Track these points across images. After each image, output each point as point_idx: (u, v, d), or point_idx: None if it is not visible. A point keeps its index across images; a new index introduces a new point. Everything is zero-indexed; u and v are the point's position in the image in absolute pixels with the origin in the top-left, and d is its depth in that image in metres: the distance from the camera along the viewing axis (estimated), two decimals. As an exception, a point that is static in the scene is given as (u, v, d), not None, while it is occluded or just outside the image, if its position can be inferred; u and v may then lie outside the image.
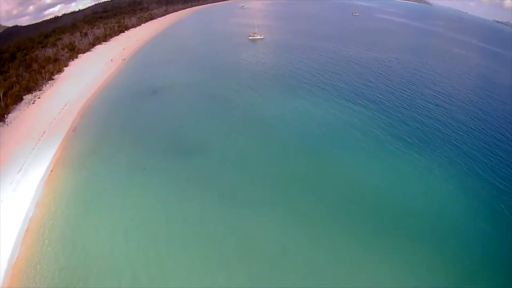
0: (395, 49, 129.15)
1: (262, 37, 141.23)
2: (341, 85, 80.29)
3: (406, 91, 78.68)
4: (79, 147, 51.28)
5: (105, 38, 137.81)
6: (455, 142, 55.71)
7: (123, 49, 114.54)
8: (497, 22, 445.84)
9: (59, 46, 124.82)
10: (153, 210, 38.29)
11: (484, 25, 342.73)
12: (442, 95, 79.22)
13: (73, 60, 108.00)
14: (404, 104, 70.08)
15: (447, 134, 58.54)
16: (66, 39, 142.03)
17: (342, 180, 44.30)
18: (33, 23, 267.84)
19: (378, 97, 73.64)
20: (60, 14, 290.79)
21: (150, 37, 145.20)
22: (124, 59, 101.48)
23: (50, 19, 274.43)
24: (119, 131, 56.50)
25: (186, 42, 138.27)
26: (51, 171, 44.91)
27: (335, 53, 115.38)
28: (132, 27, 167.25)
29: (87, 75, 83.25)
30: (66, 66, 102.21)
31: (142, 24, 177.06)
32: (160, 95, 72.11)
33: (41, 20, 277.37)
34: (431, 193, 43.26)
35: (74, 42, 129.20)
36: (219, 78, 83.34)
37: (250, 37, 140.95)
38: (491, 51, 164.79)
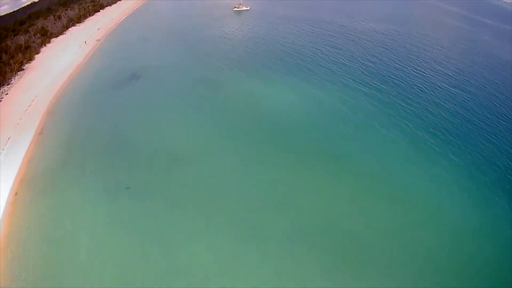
0: (394, 20, 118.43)
1: (248, 8, 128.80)
2: (343, 62, 72.18)
3: (418, 68, 71.29)
4: (47, 158, 43.23)
5: (79, 19, 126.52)
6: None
7: (98, 29, 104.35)
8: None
9: (32, 32, 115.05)
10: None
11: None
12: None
13: (45, 45, 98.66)
14: (422, 86, 62.84)
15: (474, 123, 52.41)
16: (39, 23, 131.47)
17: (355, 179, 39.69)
18: (11, 11, 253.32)
19: (387, 76, 66.03)
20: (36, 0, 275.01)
21: (127, 14, 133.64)
22: (99, 40, 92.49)
23: (27, 5, 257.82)
24: (93, 133, 48.12)
25: (166, 16, 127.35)
26: (16, 193, 37.09)
27: (330, 25, 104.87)
28: (107, 6, 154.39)
29: (59, 61, 75.17)
30: (38, 53, 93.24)
31: (118, 2, 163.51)
32: (138, 81, 63.37)
33: (18, 8, 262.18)
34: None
35: (46, 26, 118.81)
36: (202, 58, 74.88)
37: (235, 9, 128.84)
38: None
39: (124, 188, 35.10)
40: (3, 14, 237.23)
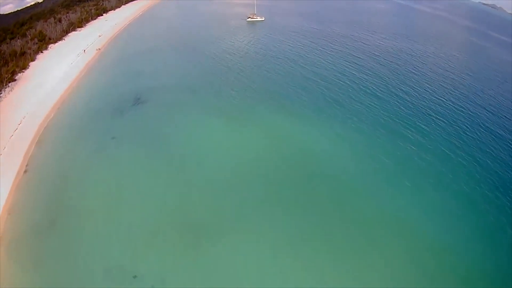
0: (414, 36, 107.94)
1: (263, 18, 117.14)
2: (375, 92, 59.69)
3: (461, 102, 60.47)
4: (32, 210, 32.57)
5: (80, 23, 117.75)
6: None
7: (99, 36, 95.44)
8: (484, 4, 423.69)
9: (29, 36, 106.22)
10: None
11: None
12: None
13: (41, 52, 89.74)
14: (471, 128, 51.16)
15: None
16: (39, 26, 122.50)
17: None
18: (15, 10, 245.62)
19: (428, 112, 53.42)
20: (41, 0, 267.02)
21: (131, 20, 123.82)
22: (99, 49, 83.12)
23: (31, 5, 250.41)
24: (89, 178, 36.57)
25: (173, 25, 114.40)
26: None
27: (350, 41, 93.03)
28: (111, 10, 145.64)
29: (54, 73, 65.79)
30: (33, 60, 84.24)
31: (123, 6, 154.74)
32: (142, 107, 51.54)
33: (22, 7, 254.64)
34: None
35: (45, 30, 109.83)
36: (213, 80, 62.14)
37: (249, 19, 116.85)
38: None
39: (131, 276, 25.95)
40: (7, 13, 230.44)
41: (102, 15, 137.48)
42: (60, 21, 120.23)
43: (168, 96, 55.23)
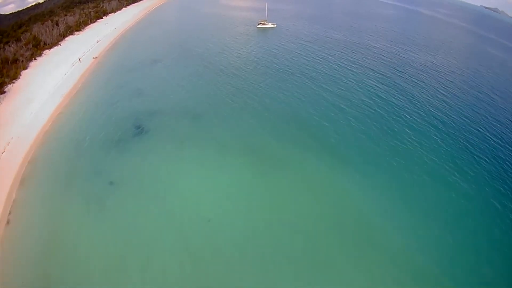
0: (436, 48, 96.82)
1: (275, 25, 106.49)
2: (409, 118, 50.52)
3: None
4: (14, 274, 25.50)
5: (78, 27, 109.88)
6: None
7: (97, 41, 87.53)
8: (486, 8, 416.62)
9: (23, 41, 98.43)
10: None
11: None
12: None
13: (35, 59, 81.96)
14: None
15: None
16: (35, 29, 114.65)
17: None
18: (15, 11, 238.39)
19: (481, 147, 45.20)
20: (42, 0, 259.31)
21: (132, 24, 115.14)
22: (96, 57, 74.73)
23: (31, 6, 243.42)
24: (81, 239, 28.78)
25: (176, 31, 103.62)
26: None
27: (371, 52, 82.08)
28: (111, 12, 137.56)
29: (44, 86, 57.83)
30: (25, 68, 76.36)
31: (124, 8, 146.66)
32: (144, 139, 42.22)
33: (23, 8, 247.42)
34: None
35: (40, 35, 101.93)
36: (223, 101, 53.44)
37: (260, 25, 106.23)
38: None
39: None
40: (8, 13, 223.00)
41: (102, 18, 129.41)
42: (57, 24, 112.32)
43: (173, 125, 45.40)
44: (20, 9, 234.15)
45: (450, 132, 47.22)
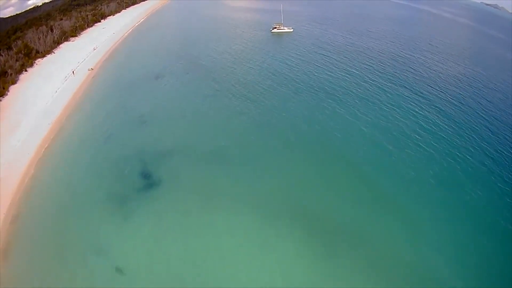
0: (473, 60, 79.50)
1: (291, 30, 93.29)
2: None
3: None
4: None
5: (74, 32, 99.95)
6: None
7: (94, 49, 77.83)
8: (486, 4, 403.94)
9: (14, 50, 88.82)
10: None
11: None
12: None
13: (26, 70, 72.39)
14: None
15: None
16: (29, 35, 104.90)
17: None
18: (14, 14, 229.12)
19: None
20: (40, 4, 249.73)
21: (131, 28, 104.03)
22: (92, 69, 64.47)
23: (29, 9, 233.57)
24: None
25: (180, 38, 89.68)
26: None
27: (399, 64, 67.38)
28: (110, 15, 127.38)
29: (32, 108, 48.05)
30: (14, 83, 66.74)
31: (123, 10, 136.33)
32: (157, 197, 30.77)
33: (21, 11, 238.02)
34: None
35: (32, 42, 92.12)
36: (249, 131, 41.88)
37: (274, 30, 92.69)
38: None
39: None
40: (7, 16, 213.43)
41: (99, 21, 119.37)
42: (52, 30, 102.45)
43: (191, 172, 33.50)
44: (18, 12, 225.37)
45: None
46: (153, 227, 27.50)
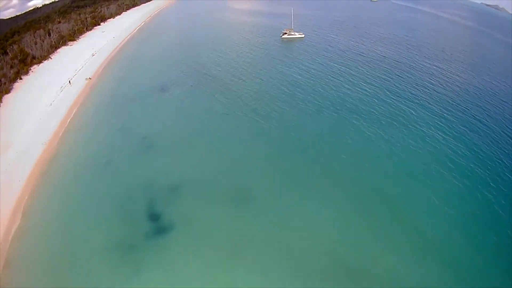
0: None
1: (302, 35, 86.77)
2: None
3: None
4: None
5: (72, 36, 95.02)
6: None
7: (93, 54, 73.05)
8: (487, 5, 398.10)
9: (10, 54, 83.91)
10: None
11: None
12: None
13: (20, 78, 67.75)
14: None
15: None
16: (26, 38, 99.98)
17: None
18: (13, 16, 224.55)
19: None
20: (40, 5, 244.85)
21: (132, 33, 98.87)
22: (90, 79, 59.14)
23: (29, 11, 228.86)
24: None
25: (184, 44, 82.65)
26: None
27: (422, 74, 61.11)
28: (110, 18, 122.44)
29: (25, 125, 43.26)
30: (8, 92, 61.78)
31: (123, 13, 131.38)
32: (172, 239, 25.92)
33: (21, 12, 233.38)
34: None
35: (29, 47, 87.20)
36: (272, 161, 35.36)
37: (285, 36, 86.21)
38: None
39: None
40: (7, 18, 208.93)
41: (99, 24, 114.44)
42: (49, 34, 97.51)
43: (208, 215, 27.66)
44: (19, 14, 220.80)
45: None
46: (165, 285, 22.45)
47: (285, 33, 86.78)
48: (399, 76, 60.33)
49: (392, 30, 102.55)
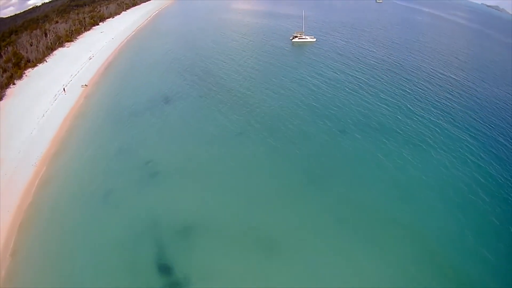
0: None
1: (314, 39, 79.95)
2: None
3: None
4: None
5: (69, 37, 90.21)
6: None
7: (90, 58, 68.28)
8: (488, 6, 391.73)
9: (3, 57, 79.18)
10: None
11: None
12: None
13: (13, 84, 63.20)
14: None
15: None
16: (23, 38, 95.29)
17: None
18: (13, 14, 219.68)
19: None
20: (40, 4, 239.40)
21: (132, 34, 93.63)
22: (87, 85, 54.22)
23: (29, 9, 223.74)
24: None
25: (187, 47, 76.16)
26: None
27: (450, 88, 54.96)
28: (109, 17, 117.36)
29: (13, 142, 38.60)
30: (1, 99, 58.47)
31: (123, 12, 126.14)
32: None
33: (21, 11, 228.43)
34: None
35: (24, 49, 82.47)
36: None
37: (295, 40, 79.78)
38: None
39: None
40: (7, 16, 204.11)
41: (98, 24, 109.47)
42: (46, 34, 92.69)
43: (227, 270, 22.65)
44: (18, 12, 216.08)
45: None
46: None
47: (296, 37, 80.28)
48: (418, 88, 54.30)
49: (402, 34, 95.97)
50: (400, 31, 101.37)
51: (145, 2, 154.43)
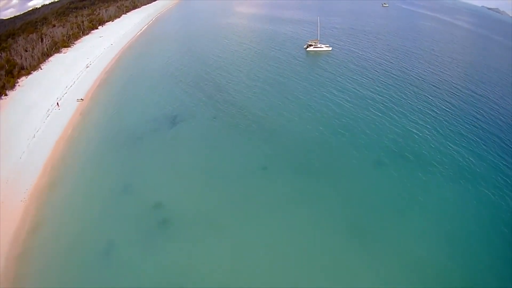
0: None
1: (330, 48, 73.51)
2: None
3: None
4: None
5: (66, 42, 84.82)
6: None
7: (87, 65, 63.27)
8: (488, 8, 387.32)
9: (-3, 64, 73.95)
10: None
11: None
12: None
13: (5, 95, 57.96)
14: None
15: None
16: (19, 42, 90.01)
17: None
18: (12, 16, 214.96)
19: None
20: (39, 5, 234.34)
21: (132, 39, 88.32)
22: (82, 99, 48.76)
23: (28, 11, 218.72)
24: None
25: (194, 55, 69.82)
26: None
27: (484, 105, 48.66)
28: (108, 21, 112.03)
29: (2, 171, 33.48)
30: (-13, 113, 53.31)
31: (123, 15, 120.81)
32: None
33: (21, 13, 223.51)
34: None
35: (18, 55, 77.15)
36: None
37: (310, 48, 73.24)
38: None
39: None
40: (6, 18, 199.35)
41: (97, 28, 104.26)
42: (42, 39, 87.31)
43: None
44: (18, 14, 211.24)
45: None
46: None
47: (310, 45, 73.60)
48: (446, 109, 46.65)
49: (415, 42, 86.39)
50: (412, 37, 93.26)
51: (145, 4, 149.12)
